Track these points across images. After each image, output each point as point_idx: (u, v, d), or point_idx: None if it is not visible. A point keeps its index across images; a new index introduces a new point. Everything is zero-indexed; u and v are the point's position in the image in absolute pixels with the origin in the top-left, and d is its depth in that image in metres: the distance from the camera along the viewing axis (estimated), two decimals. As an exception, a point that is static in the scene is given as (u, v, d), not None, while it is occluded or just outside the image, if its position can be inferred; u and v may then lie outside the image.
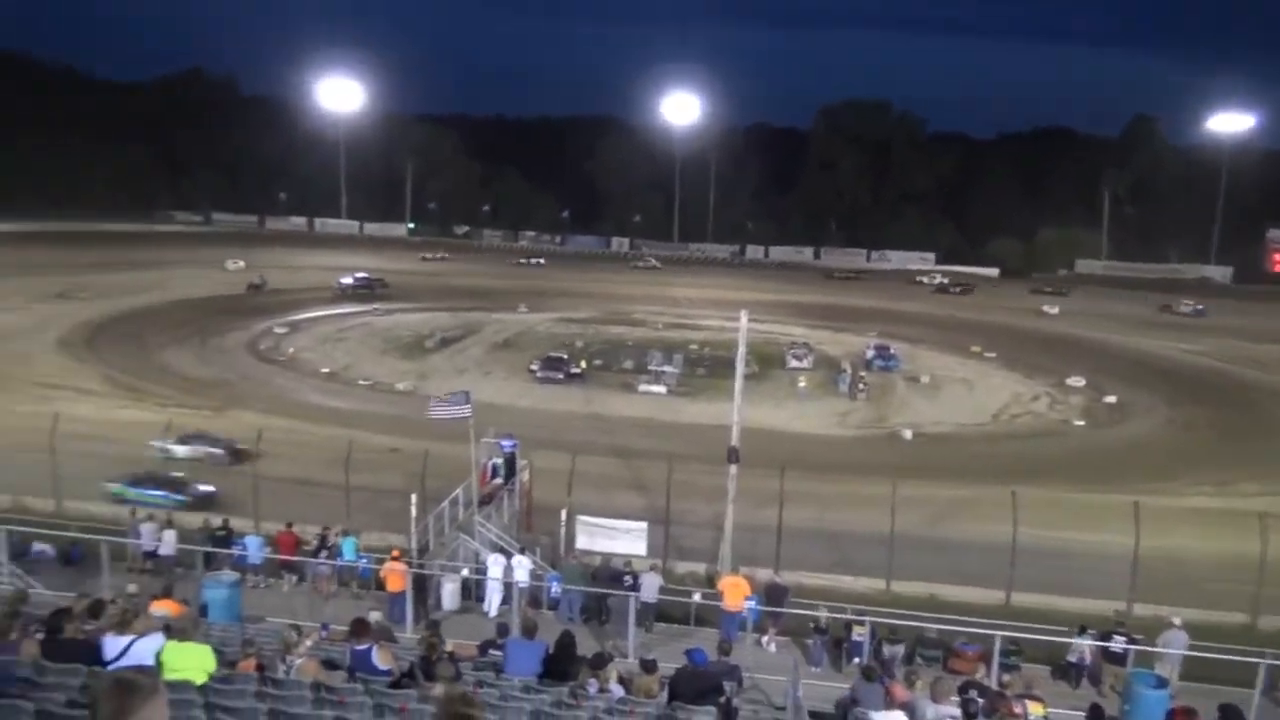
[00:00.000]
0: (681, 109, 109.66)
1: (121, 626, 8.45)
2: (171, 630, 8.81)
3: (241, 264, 78.90)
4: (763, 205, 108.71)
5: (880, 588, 25.04)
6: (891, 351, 56.20)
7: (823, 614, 20.29)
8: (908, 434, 42.49)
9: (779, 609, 20.84)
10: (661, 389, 48.23)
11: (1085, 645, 18.98)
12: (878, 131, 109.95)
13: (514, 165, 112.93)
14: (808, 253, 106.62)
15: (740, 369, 25.34)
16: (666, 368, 50.29)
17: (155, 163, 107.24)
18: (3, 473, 28.72)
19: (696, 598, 21.89)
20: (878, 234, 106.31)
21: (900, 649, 19.56)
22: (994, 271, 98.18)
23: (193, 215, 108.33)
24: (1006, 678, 16.04)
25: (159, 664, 7.99)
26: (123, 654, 8.09)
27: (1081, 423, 45.69)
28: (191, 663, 8.20)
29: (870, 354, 55.82)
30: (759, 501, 25.95)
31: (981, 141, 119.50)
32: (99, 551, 21.02)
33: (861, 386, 49.13)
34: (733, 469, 24.24)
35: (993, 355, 58.86)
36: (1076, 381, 52.10)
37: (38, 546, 23.46)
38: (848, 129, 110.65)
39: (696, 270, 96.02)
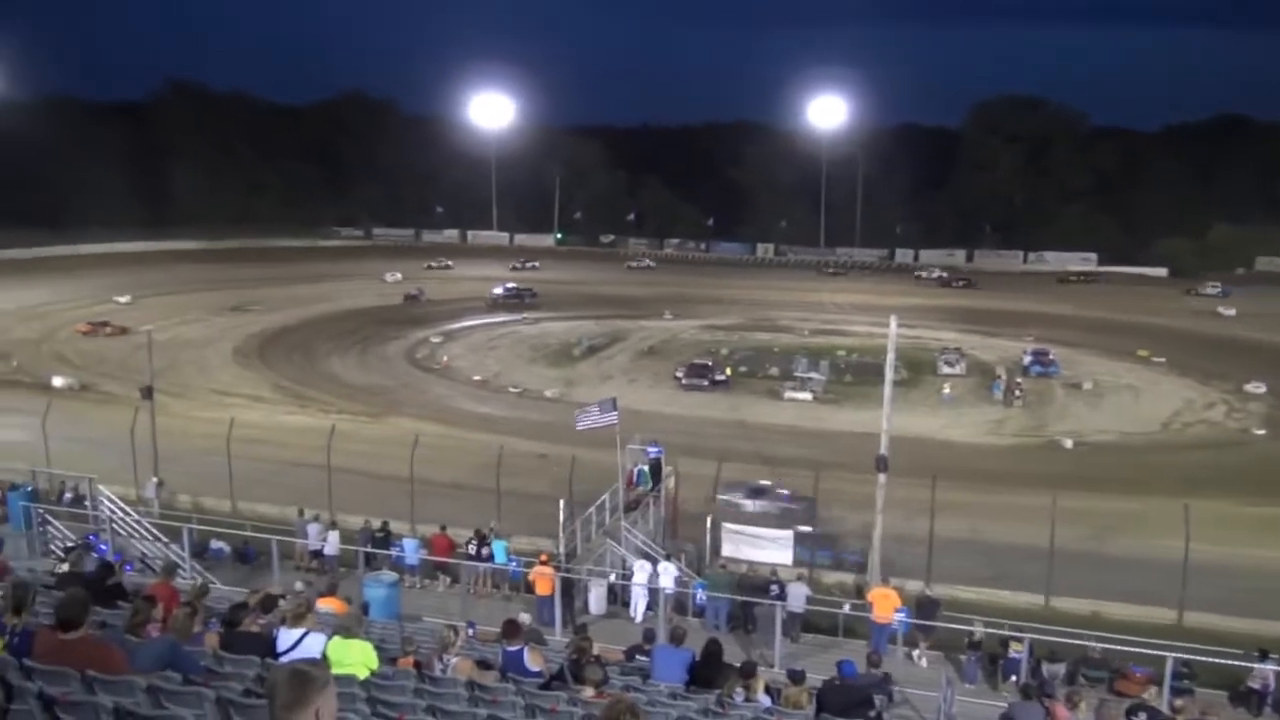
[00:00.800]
0: (827, 111, 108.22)
1: (295, 621, 8.92)
2: (337, 627, 9.24)
3: (399, 276, 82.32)
4: (912, 208, 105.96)
5: (1039, 603, 24.06)
6: (1050, 356, 53.90)
7: (978, 629, 19.61)
8: (1068, 443, 40.67)
9: (931, 622, 20.26)
10: (807, 396, 47.68)
11: (1269, 670, 17.74)
12: (1034, 128, 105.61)
13: (658, 174, 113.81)
14: (960, 255, 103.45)
15: (889, 375, 24.82)
16: (813, 374, 49.66)
17: (320, 181, 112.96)
18: (185, 475, 30.83)
19: (846, 608, 21.53)
20: (1035, 235, 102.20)
21: (1061, 668, 18.72)
22: (1162, 271, 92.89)
23: (354, 230, 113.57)
24: (1179, 702, 15.14)
25: (325, 658, 8.39)
26: (294, 647, 8.55)
27: (1262, 431, 42.76)
28: (355, 658, 8.56)
29: (1027, 359, 53.72)
30: (909, 511, 25.35)
31: (1147, 134, 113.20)
32: (270, 550, 22.27)
33: (1018, 393, 47.37)
34: (881, 478, 23.73)
35: (1161, 360, 55.72)
36: (1256, 387, 48.79)
37: (215, 544, 25.05)
38: (1003, 126, 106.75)
39: (844, 274, 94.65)
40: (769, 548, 25.43)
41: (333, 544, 24.67)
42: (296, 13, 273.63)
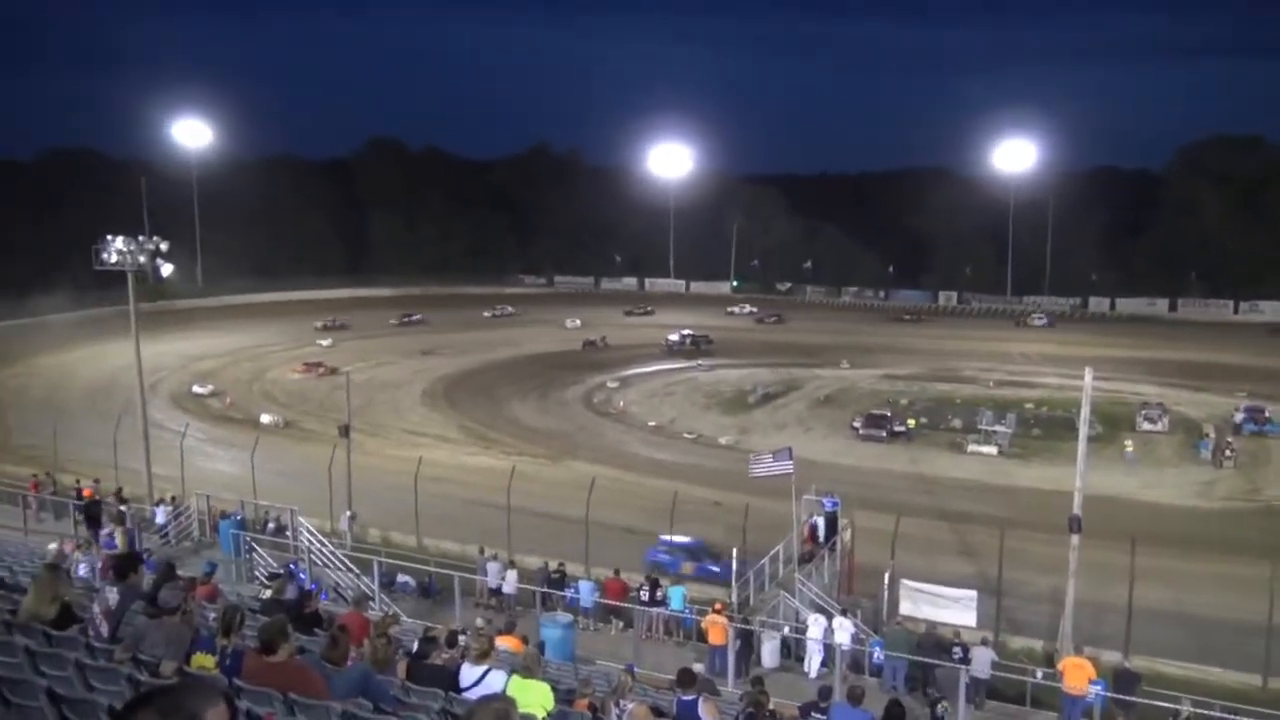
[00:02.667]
0: (1015, 156, 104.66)
1: (479, 658, 9.16)
2: (517, 666, 9.44)
3: (578, 322, 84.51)
4: (1109, 254, 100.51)
5: (1255, 684, 22.06)
6: (1266, 414, 49.71)
7: (1186, 708, 18.11)
8: (1288, 509, 37.35)
9: (1130, 698, 18.87)
10: (993, 450, 45.71)
11: None
12: (1247, 170, 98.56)
13: (837, 222, 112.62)
14: (1161, 305, 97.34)
15: (1084, 430, 23.47)
16: (998, 427, 47.53)
17: (507, 231, 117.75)
18: (375, 510, 32.41)
19: (1038, 676, 20.35)
20: (1246, 282, 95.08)
21: (1282, 756, 17.05)
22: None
23: (538, 278, 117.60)
24: None
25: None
26: (477, 683, 8.76)
27: None
28: (533, 699, 8.68)
29: (1240, 416, 49.72)
30: (1105, 577, 23.82)
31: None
32: (452, 585, 23.04)
33: (1229, 453, 43.88)
34: (1074, 539, 22.39)
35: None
36: None
37: (402, 578, 26.11)
38: (1211, 168, 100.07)
39: (1027, 326, 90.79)
40: (951, 607, 24.32)
41: (511, 583, 25.25)
42: (487, 73, 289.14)
